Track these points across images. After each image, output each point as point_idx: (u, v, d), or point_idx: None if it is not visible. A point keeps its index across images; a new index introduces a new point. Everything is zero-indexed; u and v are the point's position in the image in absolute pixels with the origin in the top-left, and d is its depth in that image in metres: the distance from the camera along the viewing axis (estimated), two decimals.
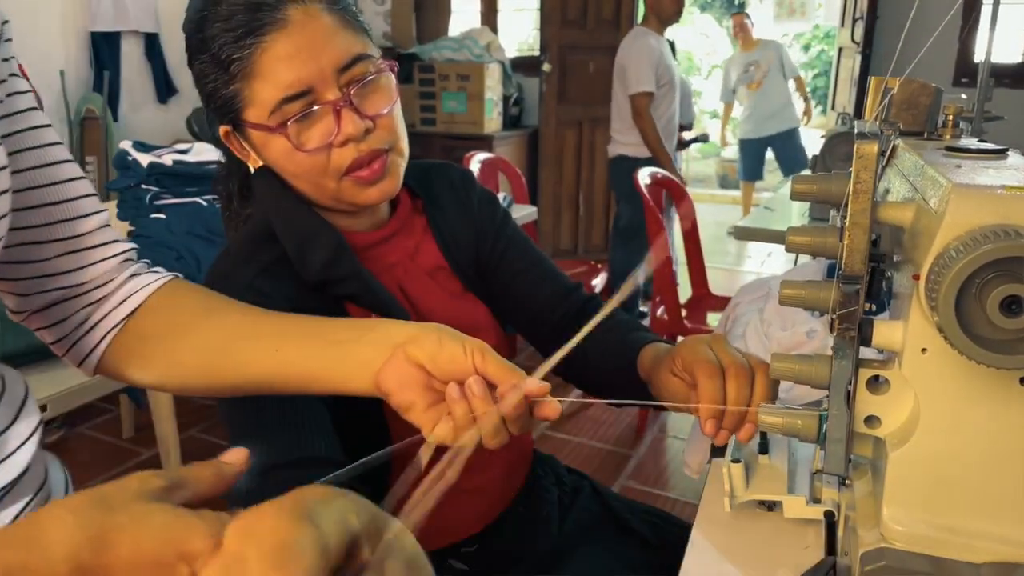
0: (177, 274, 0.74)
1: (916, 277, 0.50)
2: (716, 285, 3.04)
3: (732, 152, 9.75)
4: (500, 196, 2.67)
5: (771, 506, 0.76)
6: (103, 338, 0.69)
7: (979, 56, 3.82)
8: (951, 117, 0.72)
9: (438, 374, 0.64)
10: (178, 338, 0.69)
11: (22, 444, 0.59)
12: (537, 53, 4.96)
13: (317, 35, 0.80)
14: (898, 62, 0.67)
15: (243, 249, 0.88)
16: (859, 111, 3.75)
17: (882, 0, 3.80)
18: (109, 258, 0.70)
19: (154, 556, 0.35)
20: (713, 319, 2.72)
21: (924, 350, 0.53)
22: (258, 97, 0.80)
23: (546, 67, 4.80)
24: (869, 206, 0.53)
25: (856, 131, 0.54)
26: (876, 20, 3.82)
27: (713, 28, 10.55)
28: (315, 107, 0.80)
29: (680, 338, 0.93)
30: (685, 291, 2.88)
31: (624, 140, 3.53)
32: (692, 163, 9.39)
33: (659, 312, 2.73)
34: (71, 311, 0.69)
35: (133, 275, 0.72)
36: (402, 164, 0.89)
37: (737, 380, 0.72)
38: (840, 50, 4.57)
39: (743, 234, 2.32)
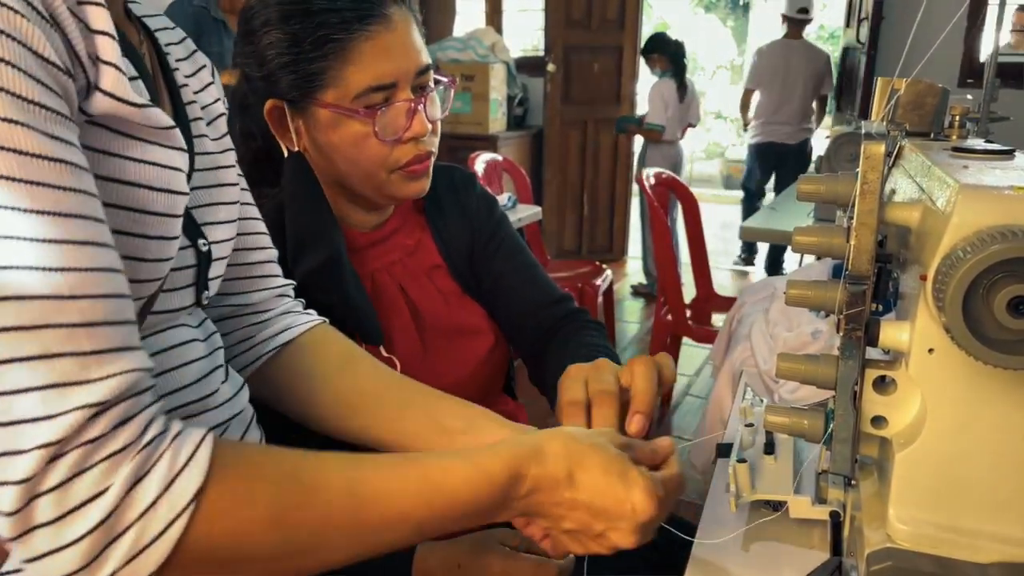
0: (324, 319, 0.84)
1: (923, 277, 0.50)
2: (720, 286, 3.04)
3: (736, 152, 9.75)
4: (504, 196, 2.68)
5: (776, 506, 0.76)
6: (257, 359, 0.80)
7: (985, 56, 3.81)
8: (957, 118, 0.72)
9: None
10: (319, 381, 0.79)
11: (241, 387, 0.73)
12: (541, 53, 4.96)
13: (409, 38, 0.86)
14: (904, 62, 0.67)
15: None
16: (864, 111, 3.74)
17: (887, 0, 3.80)
18: (270, 288, 0.82)
19: (614, 492, 0.59)
20: (718, 320, 2.72)
21: (931, 350, 0.53)
22: (345, 80, 0.84)
23: (550, 67, 4.81)
24: (876, 206, 0.53)
25: (863, 132, 0.54)
26: (881, 20, 3.81)
27: (718, 28, 10.53)
28: (395, 102, 0.86)
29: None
30: (689, 292, 2.88)
31: (809, 128, 4.47)
32: (696, 163, 9.39)
33: (663, 312, 2.73)
34: (234, 328, 0.80)
35: (288, 311, 0.83)
36: (431, 167, 0.94)
37: (600, 410, 0.74)
38: (845, 50, 4.56)
39: (749, 234, 2.32)
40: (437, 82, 0.92)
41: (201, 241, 0.66)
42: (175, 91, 0.67)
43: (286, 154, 0.92)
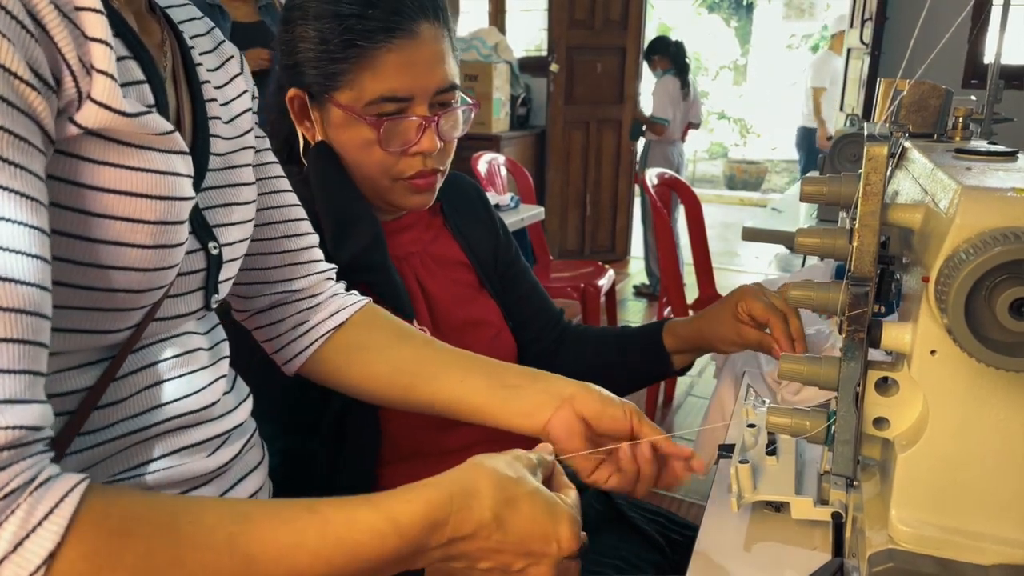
0: (369, 299, 0.86)
1: (926, 279, 0.50)
2: (723, 286, 3.04)
3: (739, 153, 9.74)
4: (507, 196, 2.68)
5: (778, 507, 0.76)
6: (314, 342, 0.81)
7: (989, 57, 3.80)
8: (961, 119, 0.72)
9: (600, 429, 0.76)
10: (377, 352, 0.81)
11: (245, 399, 0.72)
12: (545, 53, 4.96)
13: (434, 56, 0.87)
14: (908, 63, 0.67)
15: None
16: (867, 112, 3.73)
17: (891, 1, 3.79)
18: (317, 273, 0.83)
19: (542, 530, 0.56)
20: None
21: (933, 352, 0.53)
22: (361, 85, 0.86)
23: (554, 67, 4.81)
24: (879, 208, 0.53)
25: (866, 133, 0.54)
26: (885, 21, 3.80)
27: (720, 29, 10.52)
28: (406, 116, 0.87)
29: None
30: (692, 292, 2.88)
31: (808, 118, 5.50)
32: (700, 163, 9.38)
33: (667, 312, 2.73)
34: (288, 314, 0.82)
35: (336, 294, 0.84)
36: (440, 184, 0.96)
37: (797, 317, 0.95)
38: (848, 51, 4.56)
39: (751, 235, 2.32)
40: (463, 107, 0.93)
41: (212, 244, 0.65)
42: (196, 88, 0.66)
43: (301, 142, 0.94)
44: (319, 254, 0.83)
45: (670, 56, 4.27)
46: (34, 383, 0.43)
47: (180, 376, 0.62)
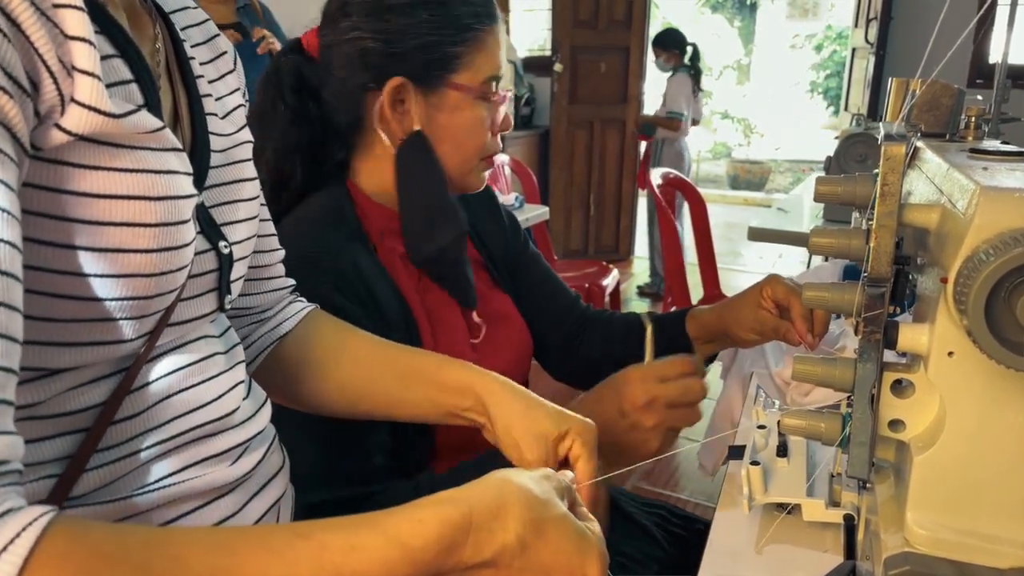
0: (316, 304, 0.83)
1: (944, 280, 0.50)
2: (727, 286, 3.03)
3: (743, 153, 9.72)
4: (511, 196, 2.68)
5: (789, 509, 0.76)
6: (257, 356, 0.78)
7: (994, 57, 3.79)
8: (973, 119, 0.72)
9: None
10: (320, 371, 0.78)
11: (263, 403, 0.70)
12: (548, 53, 4.95)
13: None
14: (913, 63, 0.67)
15: (322, 226, 0.91)
16: (872, 112, 3.72)
17: (896, 0, 3.78)
18: (277, 290, 0.80)
19: (567, 561, 0.52)
20: None
21: (951, 354, 0.53)
22: (476, 66, 0.90)
23: (557, 67, 4.80)
24: (896, 208, 0.53)
25: (883, 133, 0.54)
26: (890, 20, 3.80)
27: (724, 28, 10.51)
28: (500, 93, 0.92)
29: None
30: (696, 292, 2.87)
31: None
32: (703, 163, 9.37)
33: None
34: (237, 328, 0.77)
35: (290, 303, 0.82)
36: None
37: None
38: (854, 51, 4.55)
39: (757, 235, 2.31)
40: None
41: (222, 243, 0.63)
42: (192, 84, 0.63)
43: (385, 139, 0.90)
44: (281, 270, 0.81)
45: (683, 56, 4.23)
46: (3, 413, 0.40)
47: (198, 384, 0.60)
